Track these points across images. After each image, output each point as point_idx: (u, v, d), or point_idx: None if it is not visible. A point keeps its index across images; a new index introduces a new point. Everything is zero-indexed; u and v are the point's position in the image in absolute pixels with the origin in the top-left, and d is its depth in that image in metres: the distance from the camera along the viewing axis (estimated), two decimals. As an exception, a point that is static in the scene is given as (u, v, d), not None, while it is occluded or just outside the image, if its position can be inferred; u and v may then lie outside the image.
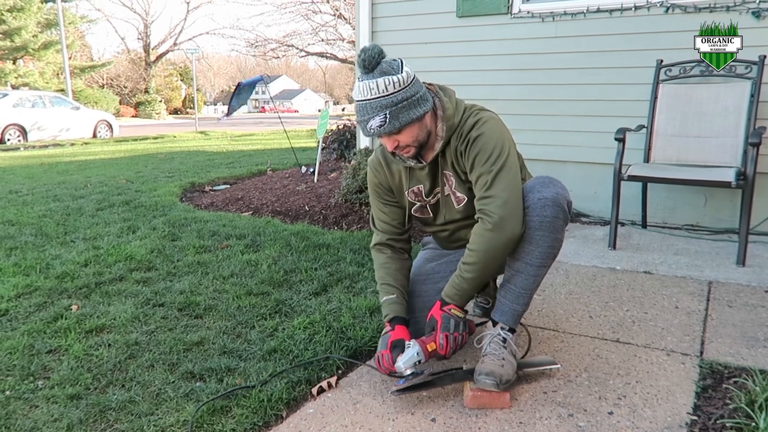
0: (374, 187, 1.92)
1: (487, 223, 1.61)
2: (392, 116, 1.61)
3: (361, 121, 1.65)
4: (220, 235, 3.51)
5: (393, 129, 1.62)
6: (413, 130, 1.67)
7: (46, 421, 1.56)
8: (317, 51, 25.01)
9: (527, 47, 4.07)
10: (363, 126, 1.66)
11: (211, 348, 1.99)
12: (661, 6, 3.59)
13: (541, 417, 1.54)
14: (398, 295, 1.85)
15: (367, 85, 1.61)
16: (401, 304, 1.84)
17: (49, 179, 6.30)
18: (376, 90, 1.61)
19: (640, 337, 2.04)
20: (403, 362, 1.65)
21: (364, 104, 1.63)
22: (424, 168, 1.79)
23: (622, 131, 3.19)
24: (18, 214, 4.24)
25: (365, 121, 1.63)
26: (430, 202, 1.86)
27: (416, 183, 1.84)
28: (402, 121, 1.62)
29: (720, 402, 1.59)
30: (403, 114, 1.63)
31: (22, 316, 2.30)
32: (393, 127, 1.62)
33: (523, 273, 1.68)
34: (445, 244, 2.02)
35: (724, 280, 2.63)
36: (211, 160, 8.23)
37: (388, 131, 1.63)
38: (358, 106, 1.66)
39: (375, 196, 1.94)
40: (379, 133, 1.63)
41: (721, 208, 3.60)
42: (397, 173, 1.86)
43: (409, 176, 1.84)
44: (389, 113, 1.61)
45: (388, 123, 1.61)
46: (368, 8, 4.64)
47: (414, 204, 1.88)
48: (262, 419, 1.56)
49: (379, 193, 1.92)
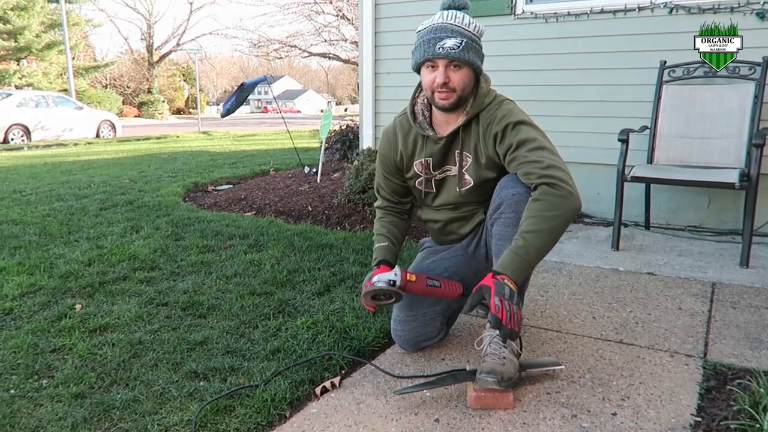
0: (382, 157, 1.97)
1: (559, 189, 1.55)
2: (466, 46, 1.65)
3: (432, 38, 1.65)
4: (223, 235, 3.51)
5: (462, 57, 1.65)
6: (468, 75, 1.70)
7: (51, 419, 1.56)
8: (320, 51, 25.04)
9: (530, 48, 4.07)
10: (431, 44, 1.65)
11: (215, 347, 1.99)
12: (665, 7, 3.59)
13: (544, 418, 1.54)
14: (389, 243, 1.92)
15: (453, 14, 1.67)
16: (391, 250, 1.91)
17: (53, 179, 6.31)
18: (461, 21, 1.67)
19: (643, 338, 2.03)
20: (378, 277, 1.73)
21: (442, 25, 1.66)
22: (440, 141, 1.81)
23: (625, 132, 3.18)
24: (22, 213, 4.25)
25: (438, 38, 1.64)
26: (436, 177, 1.88)
27: (427, 155, 1.85)
28: (470, 57, 1.66)
29: (724, 404, 1.59)
30: (472, 52, 1.67)
31: (27, 315, 2.30)
32: (463, 55, 1.65)
33: None
34: (438, 237, 2.05)
35: (727, 281, 2.62)
36: (214, 160, 8.24)
37: (458, 56, 1.64)
38: (431, 27, 1.67)
39: (380, 166, 1.98)
40: (448, 54, 1.64)
41: (724, 209, 3.59)
42: (412, 142, 1.87)
43: (422, 147, 1.85)
44: (465, 42, 1.65)
45: (462, 49, 1.64)
46: (371, 9, 4.65)
47: (419, 176, 1.90)
48: (266, 419, 1.56)
49: (385, 164, 1.96)
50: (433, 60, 1.68)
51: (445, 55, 1.64)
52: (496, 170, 1.78)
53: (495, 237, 1.72)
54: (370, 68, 4.78)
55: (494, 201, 1.74)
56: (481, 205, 1.89)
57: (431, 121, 1.86)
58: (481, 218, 1.90)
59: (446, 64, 1.67)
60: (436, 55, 1.65)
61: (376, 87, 4.81)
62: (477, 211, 1.90)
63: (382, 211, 2.03)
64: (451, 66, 1.67)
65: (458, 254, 1.98)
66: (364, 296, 1.76)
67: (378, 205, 2.05)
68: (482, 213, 1.89)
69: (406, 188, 1.99)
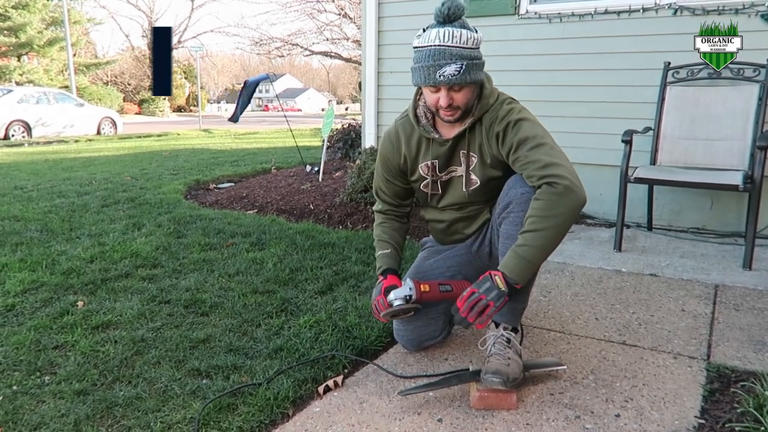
0: (384, 160, 1.94)
1: (556, 186, 1.55)
2: (467, 69, 1.62)
3: (432, 65, 1.62)
4: (225, 233, 3.51)
5: (464, 80, 1.63)
6: (471, 92, 1.70)
7: (53, 416, 1.56)
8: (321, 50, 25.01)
9: (534, 48, 4.06)
10: (431, 71, 1.62)
11: (218, 345, 1.99)
12: (669, 8, 3.58)
13: (548, 418, 1.54)
14: (392, 250, 1.93)
15: (449, 33, 1.62)
16: (394, 257, 1.92)
17: (54, 175, 6.31)
18: (458, 39, 1.62)
19: (646, 339, 2.03)
20: (394, 294, 1.73)
21: (440, 49, 1.61)
22: (445, 144, 1.80)
23: (629, 133, 3.18)
24: (23, 210, 4.25)
25: (438, 66, 1.61)
26: (442, 178, 1.87)
27: (432, 157, 1.84)
28: (472, 77, 1.64)
29: (728, 406, 1.59)
30: (473, 71, 1.65)
31: (29, 312, 2.30)
32: (464, 79, 1.63)
33: None
34: (442, 237, 2.03)
35: (730, 283, 2.62)
36: (215, 158, 8.23)
37: (460, 81, 1.62)
38: (428, 52, 1.63)
39: (382, 169, 1.96)
40: (450, 81, 1.62)
41: (727, 211, 3.59)
42: (415, 145, 1.86)
43: (427, 149, 1.84)
44: (465, 65, 1.62)
45: (462, 73, 1.62)
46: (374, 8, 4.64)
47: (425, 178, 1.89)
48: (269, 417, 1.56)
49: (387, 167, 1.94)
50: (435, 86, 1.66)
51: (447, 83, 1.63)
52: (502, 168, 1.78)
53: (503, 236, 1.71)
54: (373, 67, 4.78)
55: (502, 200, 1.73)
56: (486, 204, 1.88)
57: (434, 123, 1.85)
58: (486, 218, 1.89)
59: (448, 88, 1.66)
60: (437, 83, 1.63)
61: (379, 86, 4.81)
62: (482, 211, 1.89)
63: (382, 215, 2.01)
64: (453, 88, 1.66)
65: (461, 253, 1.98)
66: (384, 316, 1.76)
67: (378, 209, 2.03)
68: (487, 212, 1.89)
69: (409, 191, 1.98)
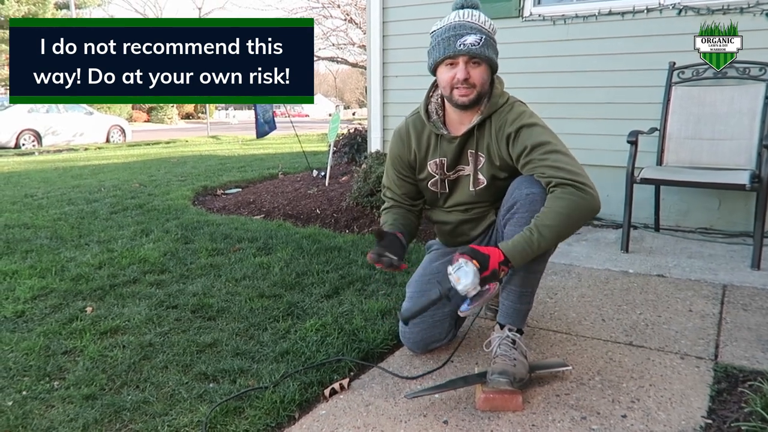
0: (394, 157, 1.95)
1: (583, 191, 1.57)
2: (486, 42, 1.68)
3: (452, 36, 1.67)
4: (232, 238, 3.53)
5: (483, 53, 1.67)
6: (487, 71, 1.72)
7: (62, 421, 1.58)
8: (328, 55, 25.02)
9: (538, 50, 4.06)
10: (451, 42, 1.67)
11: (224, 349, 2.00)
12: (674, 8, 3.57)
13: (553, 420, 1.53)
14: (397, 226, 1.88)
15: (470, 13, 1.70)
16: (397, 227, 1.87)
17: (64, 183, 6.37)
18: (478, 19, 1.70)
19: (653, 340, 2.02)
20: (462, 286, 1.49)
21: (461, 23, 1.68)
22: (454, 141, 1.81)
23: (634, 134, 3.17)
24: (33, 217, 4.29)
25: (458, 35, 1.66)
26: (450, 177, 1.88)
27: (441, 155, 1.85)
28: (489, 54, 1.69)
29: (735, 406, 1.58)
30: (491, 49, 1.70)
31: (38, 318, 2.33)
32: (483, 51, 1.67)
33: (522, 271, 1.68)
34: (448, 239, 2.03)
35: (738, 283, 2.60)
36: (222, 164, 8.28)
37: (479, 52, 1.66)
38: (449, 26, 1.69)
39: (392, 166, 1.96)
40: (470, 50, 1.65)
41: (734, 211, 3.57)
42: (425, 142, 1.87)
43: (436, 147, 1.85)
44: (485, 39, 1.67)
45: (482, 45, 1.66)
46: (379, 13, 4.66)
47: (433, 176, 1.89)
48: (275, 420, 1.57)
49: (398, 163, 1.94)
50: (454, 57, 1.68)
51: (467, 52, 1.65)
52: (509, 171, 1.78)
53: (507, 237, 1.71)
54: (378, 72, 4.79)
55: (507, 201, 1.73)
56: (492, 205, 1.88)
57: (444, 120, 1.86)
58: (492, 220, 1.89)
59: (466, 60, 1.67)
60: (457, 52, 1.66)
61: (385, 90, 4.82)
62: (488, 213, 1.89)
63: (390, 207, 1.97)
64: (471, 63, 1.68)
65: None
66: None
67: (386, 205, 2.01)
68: (493, 214, 1.89)
69: (419, 190, 1.97)
